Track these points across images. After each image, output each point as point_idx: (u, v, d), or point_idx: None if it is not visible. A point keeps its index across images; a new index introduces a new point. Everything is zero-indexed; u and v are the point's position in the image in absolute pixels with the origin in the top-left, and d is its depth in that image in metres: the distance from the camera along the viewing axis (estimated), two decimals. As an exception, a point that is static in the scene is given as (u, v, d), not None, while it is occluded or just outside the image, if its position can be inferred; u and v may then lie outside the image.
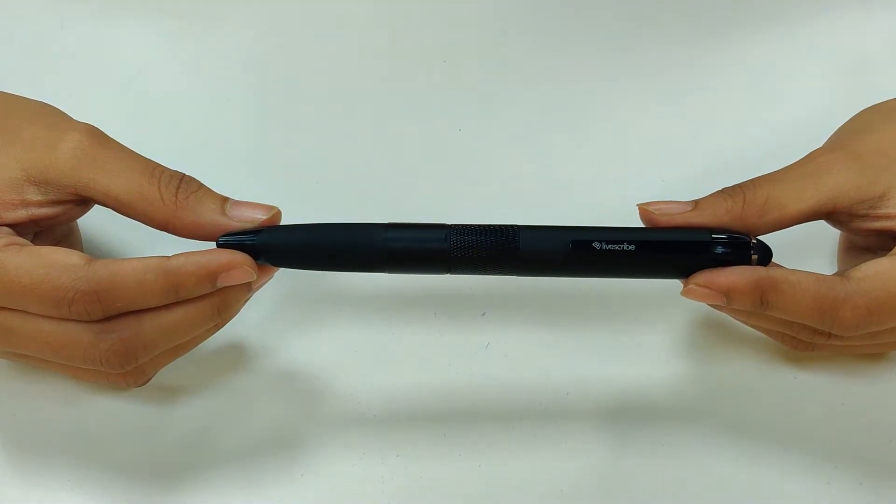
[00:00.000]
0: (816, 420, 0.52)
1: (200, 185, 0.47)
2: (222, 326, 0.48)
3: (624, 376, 0.53)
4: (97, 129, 0.48)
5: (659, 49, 0.60)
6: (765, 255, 0.47)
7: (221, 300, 0.46)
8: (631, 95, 0.60)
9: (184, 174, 0.47)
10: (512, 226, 0.47)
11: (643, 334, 0.54)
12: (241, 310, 0.48)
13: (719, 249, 0.46)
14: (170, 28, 0.60)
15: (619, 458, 0.51)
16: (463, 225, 0.47)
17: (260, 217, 0.47)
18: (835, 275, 0.47)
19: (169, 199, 0.46)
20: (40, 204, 0.46)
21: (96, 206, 0.48)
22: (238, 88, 0.60)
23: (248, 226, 0.46)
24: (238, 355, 0.54)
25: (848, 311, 0.45)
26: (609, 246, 0.46)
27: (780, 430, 0.52)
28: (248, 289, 0.47)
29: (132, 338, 0.45)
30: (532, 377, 0.53)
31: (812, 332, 0.48)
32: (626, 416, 0.52)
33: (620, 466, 0.51)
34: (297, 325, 0.55)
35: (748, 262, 0.46)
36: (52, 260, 0.44)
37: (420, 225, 0.47)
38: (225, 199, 0.47)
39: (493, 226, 0.47)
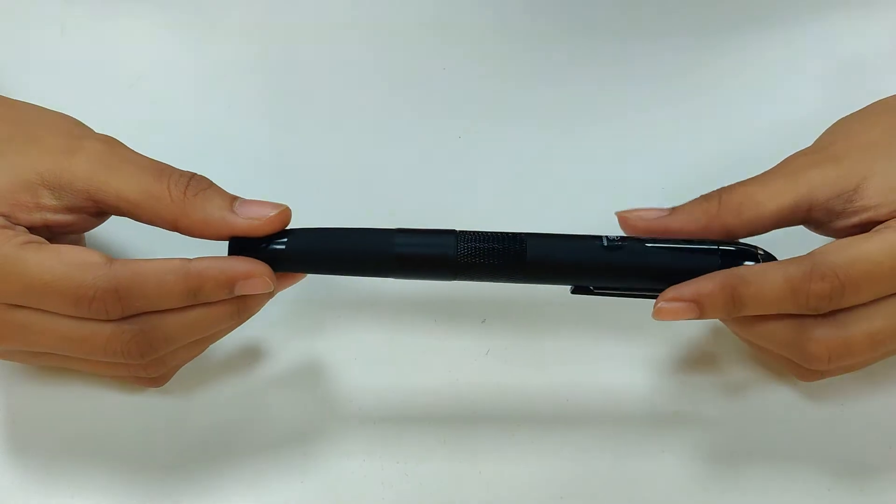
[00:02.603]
0: (816, 426, 0.52)
1: (211, 184, 0.47)
2: (243, 323, 0.48)
3: (624, 383, 0.53)
4: (115, 139, 0.48)
5: (658, 54, 0.60)
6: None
7: (243, 303, 0.47)
8: (631, 101, 0.60)
9: (194, 173, 0.47)
10: (519, 233, 0.47)
11: (643, 341, 0.54)
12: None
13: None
14: (172, 31, 0.60)
15: (619, 465, 0.51)
16: (471, 231, 0.47)
17: (269, 213, 0.46)
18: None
19: (177, 196, 0.46)
20: (55, 209, 0.46)
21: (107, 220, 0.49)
22: (240, 94, 0.60)
23: (257, 223, 0.46)
24: (237, 361, 0.54)
25: (818, 281, 0.45)
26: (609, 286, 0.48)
27: (780, 437, 0.52)
28: (269, 294, 0.47)
29: (153, 329, 0.45)
30: (532, 384, 0.53)
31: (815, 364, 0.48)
32: (626, 424, 0.52)
33: (620, 473, 0.51)
34: (296, 332, 0.55)
35: None
36: (73, 257, 0.44)
37: (428, 231, 0.47)
38: (234, 198, 0.47)
39: (501, 233, 0.47)
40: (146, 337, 0.45)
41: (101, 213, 0.48)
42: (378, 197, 0.58)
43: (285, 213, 0.47)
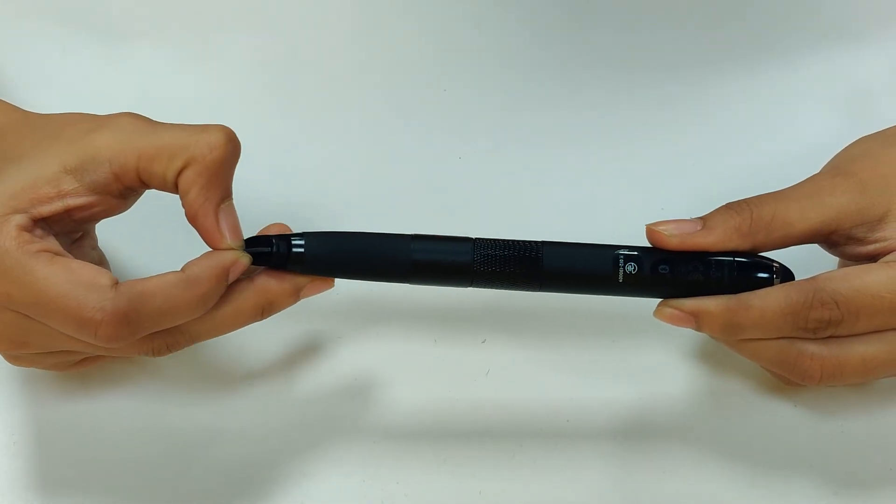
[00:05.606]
0: (816, 446, 0.52)
1: (225, 165, 0.47)
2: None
3: (625, 402, 0.53)
4: (139, 114, 0.48)
5: (660, 80, 0.60)
6: (786, 279, 0.47)
7: (267, 304, 0.47)
8: (634, 126, 0.60)
9: (230, 134, 0.48)
10: (536, 242, 0.47)
11: (644, 359, 0.54)
12: (241, 332, 0.48)
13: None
14: (172, 52, 0.61)
15: (621, 483, 0.51)
16: (487, 239, 0.47)
17: (225, 242, 0.46)
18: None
19: (202, 153, 0.46)
20: (76, 192, 0.46)
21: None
22: (240, 115, 0.59)
23: (217, 235, 0.46)
24: (235, 381, 0.54)
25: (818, 308, 0.45)
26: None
27: (781, 457, 0.52)
28: (295, 299, 0.48)
29: (179, 332, 0.46)
30: (532, 404, 0.53)
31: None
32: (628, 442, 0.52)
33: (622, 492, 0.51)
34: (295, 352, 0.55)
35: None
36: (82, 275, 0.44)
37: (445, 238, 0.47)
38: (227, 196, 0.47)
39: (518, 241, 0.47)
40: (172, 338, 0.46)
41: (123, 192, 0.47)
42: (377, 217, 0.58)
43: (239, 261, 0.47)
